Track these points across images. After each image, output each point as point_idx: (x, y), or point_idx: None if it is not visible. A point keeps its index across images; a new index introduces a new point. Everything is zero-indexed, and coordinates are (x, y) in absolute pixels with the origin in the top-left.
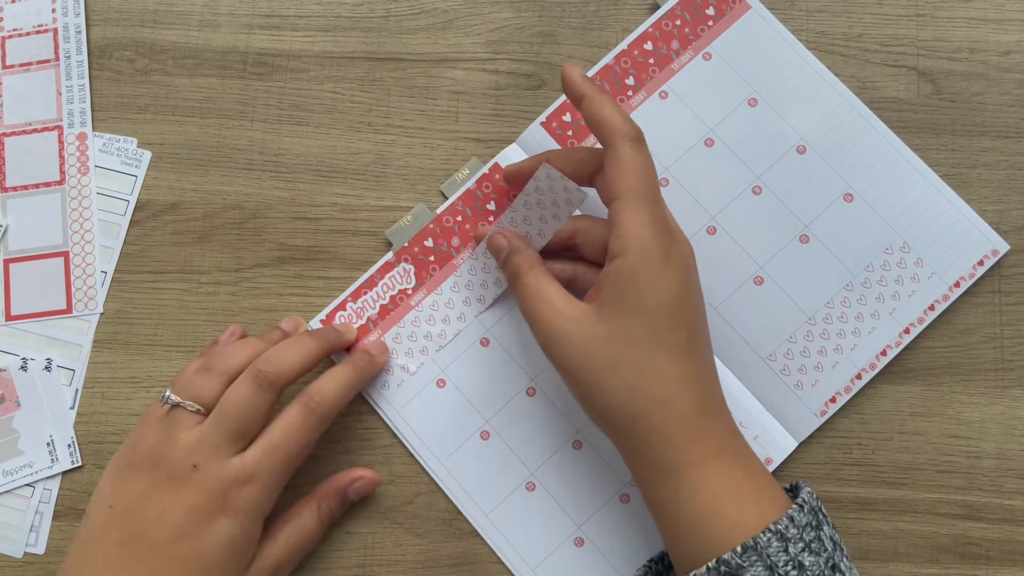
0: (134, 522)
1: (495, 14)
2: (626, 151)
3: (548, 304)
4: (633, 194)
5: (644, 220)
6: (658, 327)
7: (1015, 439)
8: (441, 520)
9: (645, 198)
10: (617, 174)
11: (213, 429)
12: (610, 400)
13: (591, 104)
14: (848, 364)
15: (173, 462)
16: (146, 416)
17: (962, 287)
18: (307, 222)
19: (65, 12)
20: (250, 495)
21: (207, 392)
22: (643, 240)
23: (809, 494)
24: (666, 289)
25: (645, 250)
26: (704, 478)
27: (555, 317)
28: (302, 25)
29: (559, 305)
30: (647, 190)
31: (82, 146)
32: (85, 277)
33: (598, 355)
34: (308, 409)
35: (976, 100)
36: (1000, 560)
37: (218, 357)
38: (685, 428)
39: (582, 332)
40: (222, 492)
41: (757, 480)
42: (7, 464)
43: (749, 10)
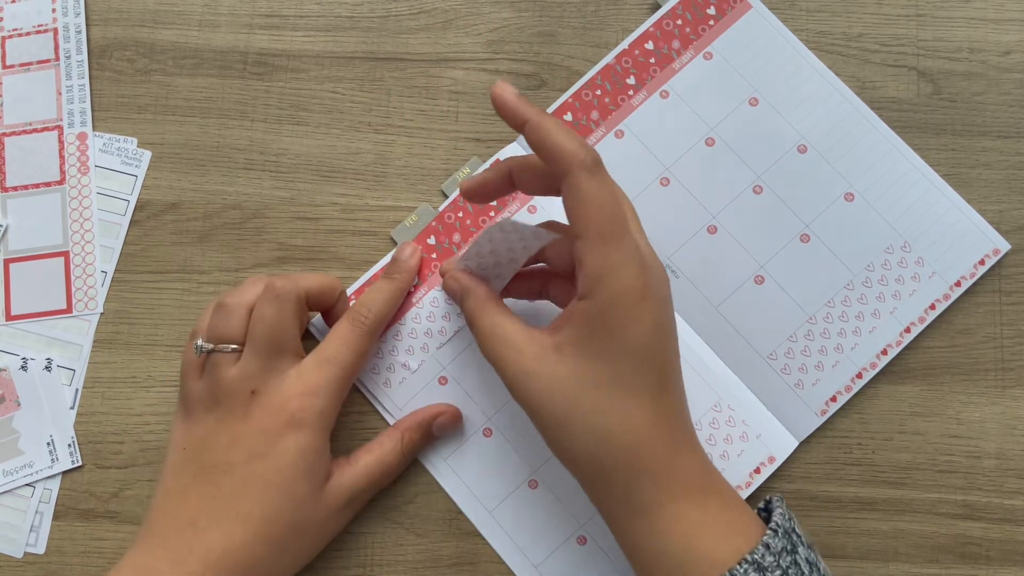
0: (208, 455)
1: (495, 14)
2: (583, 184)
3: (507, 344)
4: (596, 232)
5: (611, 261)
6: (626, 371)
7: (1015, 439)
8: (441, 520)
9: (610, 235)
10: (576, 210)
11: (255, 355)
12: (574, 444)
13: (536, 130)
14: (849, 363)
15: (233, 395)
16: (187, 369)
17: (963, 287)
18: (307, 222)
19: (65, 12)
20: (312, 407)
21: (233, 329)
22: (611, 283)
23: (782, 515)
24: (637, 333)
25: (614, 294)
26: (676, 516)
27: (517, 358)
28: (302, 25)
29: (519, 343)
30: (611, 225)
31: (82, 146)
32: (85, 277)
33: (561, 396)
34: (356, 321)
35: (976, 100)
36: (1000, 560)
37: (233, 295)
38: (654, 471)
39: (545, 371)
40: (285, 408)
41: (731, 511)
42: (7, 464)
43: (750, 10)
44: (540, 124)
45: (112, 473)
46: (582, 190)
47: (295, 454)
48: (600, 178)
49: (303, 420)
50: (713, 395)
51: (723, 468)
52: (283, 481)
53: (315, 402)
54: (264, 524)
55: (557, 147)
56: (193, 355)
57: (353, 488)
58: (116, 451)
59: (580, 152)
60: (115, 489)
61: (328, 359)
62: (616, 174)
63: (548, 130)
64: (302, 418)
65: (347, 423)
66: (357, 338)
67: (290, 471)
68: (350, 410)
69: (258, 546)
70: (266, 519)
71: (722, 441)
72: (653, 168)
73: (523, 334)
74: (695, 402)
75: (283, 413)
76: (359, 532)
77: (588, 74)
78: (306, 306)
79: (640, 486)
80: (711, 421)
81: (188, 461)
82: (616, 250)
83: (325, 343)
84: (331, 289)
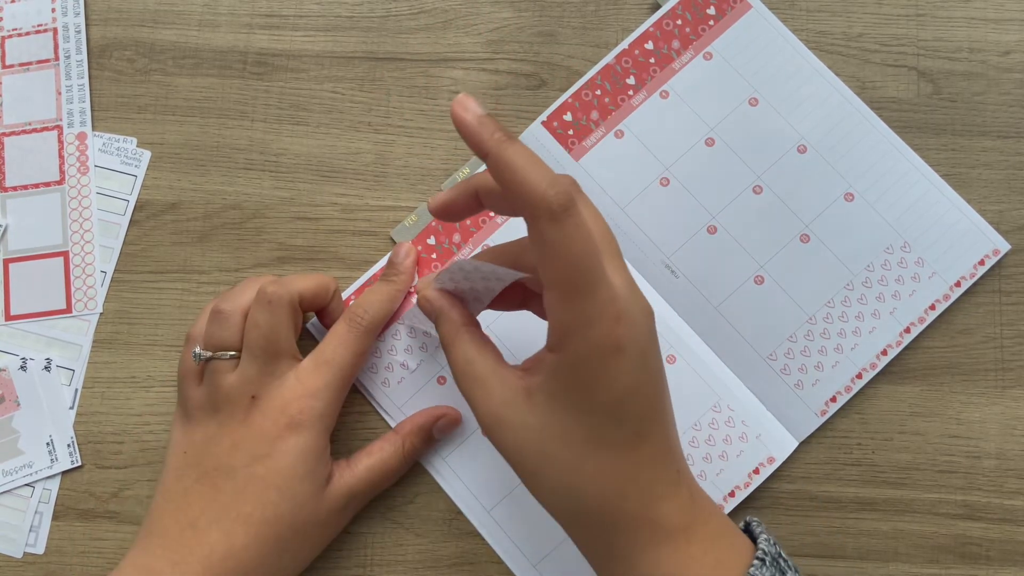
0: (209, 459)
1: (495, 14)
2: (549, 234)
3: (478, 383)
4: (564, 286)
5: (580, 317)
6: (598, 426)
7: (1015, 439)
8: (441, 520)
9: (579, 289)
10: (542, 262)
11: (252, 360)
12: (547, 496)
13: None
14: (848, 363)
15: (233, 400)
16: (185, 375)
17: (963, 287)
18: (307, 222)
19: (65, 12)
20: (311, 409)
21: (230, 336)
22: (580, 340)
23: (767, 541)
24: (610, 390)
25: (583, 351)
26: (656, 562)
27: (487, 400)
28: (302, 25)
29: (490, 384)
30: (581, 278)
31: (82, 146)
32: (85, 277)
33: (531, 450)
34: (353, 322)
35: (976, 100)
36: (1000, 560)
37: (227, 300)
38: (630, 523)
39: (515, 420)
40: (284, 411)
41: (716, 548)
42: (6, 464)
43: (750, 10)
44: (501, 159)
45: (112, 473)
46: (547, 241)
47: (296, 456)
48: (569, 224)
49: (303, 422)
50: (713, 395)
51: (722, 468)
52: (284, 482)
53: (314, 404)
54: (265, 525)
55: (520, 189)
56: (191, 361)
57: (353, 489)
58: (116, 451)
59: (546, 196)
60: (115, 489)
61: (326, 361)
62: (616, 174)
63: (511, 167)
64: (302, 420)
65: (347, 423)
66: (354, 339)
67: (291, 473)
68: (350, 410)
69: (259, 547)
70: (267, 520)
71: (721, 441)
72: (653, 168)
73: (495, 375)
74: (695, 402)
75: (283, 416)
76: (359, 532)
77: (588, 74)
78: (299, 309)
79: (616, 537)
80: (710, 421)
81: (189, 465)
82: (586, 304)
83: (323, 345)
84: (325, 289)
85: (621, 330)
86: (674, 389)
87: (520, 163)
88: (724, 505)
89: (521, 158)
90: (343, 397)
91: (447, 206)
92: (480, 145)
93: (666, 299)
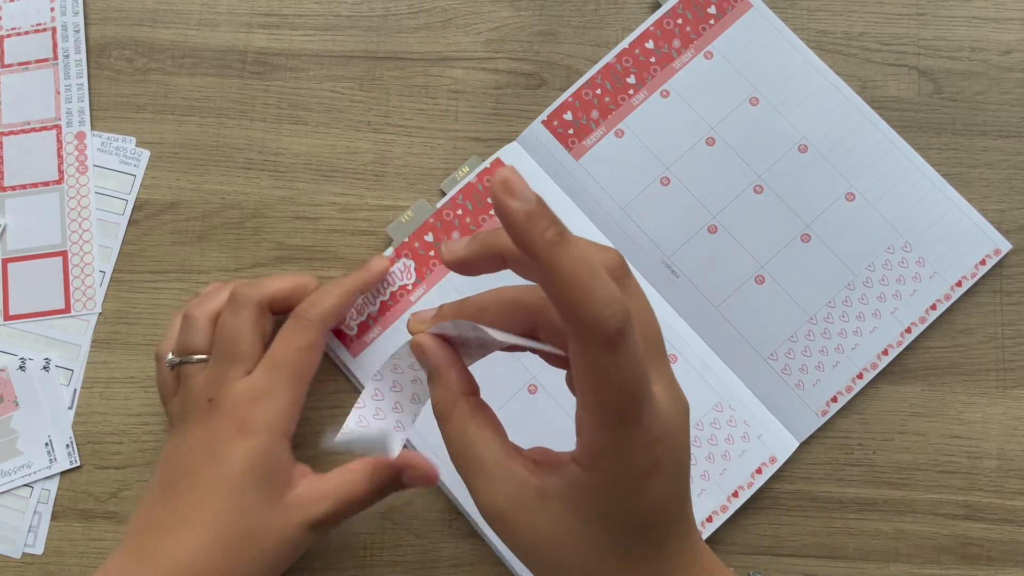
0: (174, 464)
1: (495, 13)
2: (598, 359)
3: (480, 474)
4: (605, 415)
5: (619, 444)
6: (621, 537)
7: (1016, 439)
8: (441, 520)
9: (622, 420)
10: (584, 385)
11: (215, 363)
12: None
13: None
14: (849, 363)
15: (195, 404)
16: (163, 388)
17: (964, 287)
18: (306, 222)
19: (64, 11)
20: (261, 412)
21: (199, 339)
22: (615, 464)
23: None
24: (641, 505)
25: (617, 474)
26: None
27: (487, 490)
28: (301, 24)
29: (492, 473)
30: (626, 408)
31: (80, 145)
32: (83, 277)
33: (539, 550)
34: (300, 316)
35: (977, 99)
36: (1001, 561)
37: (197, 306)
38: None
39: (522, 520)
40: (236, 415)
41: None
42: (5, 464)
43: (750, 9)
44: (552, 267)
45: (110, 473)
46: (596, 368)
47: (245, 461)
48: (622, 351)
49: (252, 426)
50: (714, 395)
51: (725, 468)
52: (234, 487)
53: (265, 406)
54: (218, 530)
55: (572, 307)
56: (165, 373)
57: (313, 504)
58: (114, 451)
59: (602, 319)
60: (113, 489)
61: (275, 362)
62: (616, 173)
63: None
64: (251, 424)
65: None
66: (301, 332)
67: (241, 478)
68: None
69: (214, 553)
70: (220, 525)
71: (724, 441)
72: (653, 168)
73: (499, 466)
74: (696, 402)
75: (233, 420)
76: (358, 532)
77: (588, 73)
78: (269, 311)
79: None
80: (712, 421)
81: (161, 472)
82: (628, 432)
83: (272, 345)
84: (301, 289)
85: (660, 451)
86: None
87: (575, 275)
88: (728, 505)
89: (577, 268)
90: (300, 398)
91: (465, 263)
92: (528, 246)
93: (666, 299)
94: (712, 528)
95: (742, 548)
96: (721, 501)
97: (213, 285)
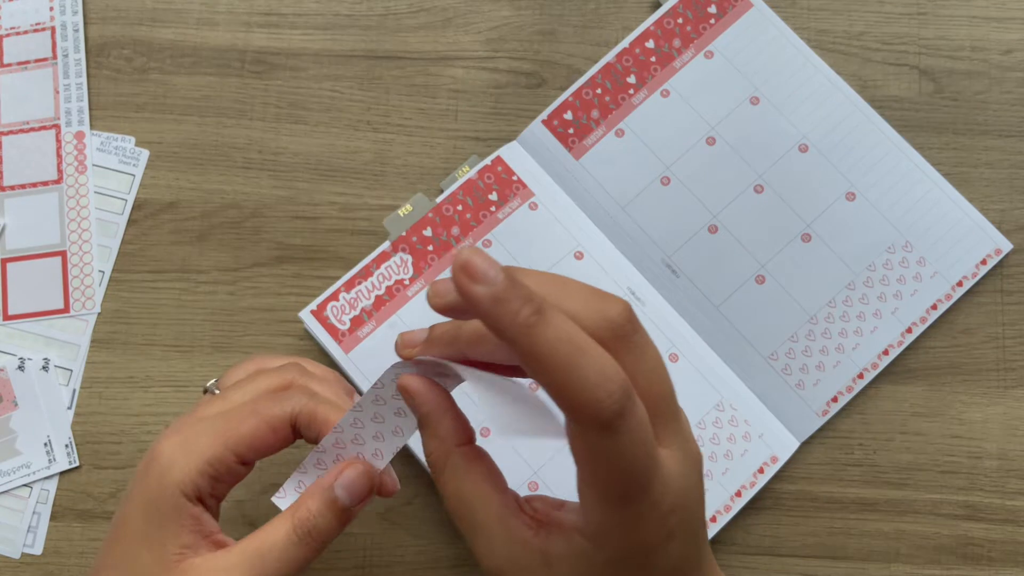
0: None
1: (494, 12)
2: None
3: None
4: (608, 493)
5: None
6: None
7: (1017, 439)
8: (441, 520)
9: (626, 498)
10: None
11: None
12: None
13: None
14: (850, 363)
15: None
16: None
17: (965, 286)
18: (306, 221)
19: (63, 10)
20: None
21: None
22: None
23: None
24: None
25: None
26: None
27: (490, 554)
28: (300, 23)
29: (494, 536)
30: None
31: (80, 145)
32: (83, 276)
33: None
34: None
35: (978, 99)
36: (1002, 561)
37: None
38: None
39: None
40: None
41: None
42: (4, 464)
43: (751, 8)
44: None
45: (109, 474)
46: (595, 451)
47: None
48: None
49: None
50: (716, 394)
51: (727, 467)
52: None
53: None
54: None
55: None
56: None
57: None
58: (114, 451)
59: (596, 402)
60: (112, 490)
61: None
62: (617, 173)
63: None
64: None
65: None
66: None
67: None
68: None
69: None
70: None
71: (726, 440)
72: (654, 167)
73: (500, 524)
74: (698, 401)
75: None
76: (357, 533)
77: (588, 73)
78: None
79: None
80: (714, 420)
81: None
82: (635, 509)
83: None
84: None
85: (674, 521)
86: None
87: (558, 357)
88: (731, 505)
89: (560, 349)
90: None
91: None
92: (501, 333)
93: (667, 298)
94: (716, 528)
95: (742, 548)
96: (724, 500)
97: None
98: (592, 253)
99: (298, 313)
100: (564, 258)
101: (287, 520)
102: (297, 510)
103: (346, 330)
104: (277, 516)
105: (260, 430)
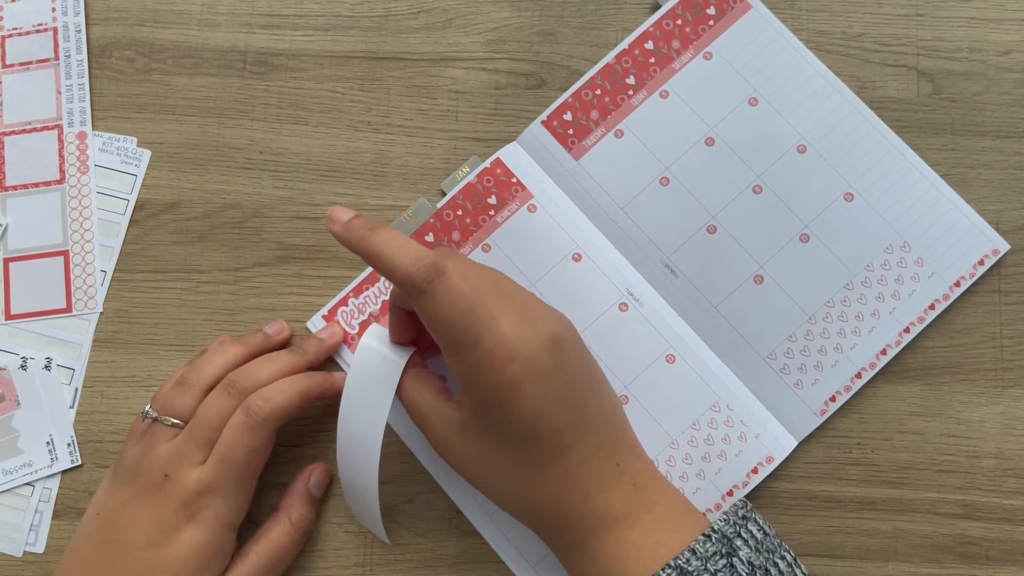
0: (112, 529)
1: (495, 13)
2: (421, 304)
3: (425, 422)
4: (446, 345)
5: (471, 366)
6: (519, 449)
7: (1014, 439)
8: (441, 519)
9: (462, 345)
10: (427, 327)
11: (186, 440)
12: (499, 504)
13: (369, 259)
14: (848, 363)
15: (150, 473)
16: (131, 430)
17: (962, 287)
18: (307, 221)
19: (65, 11)
20: (209, 505)
21: (182, 406)
22: (477, 385)
23: (724, 520)
24: (518, 418)
25: (483, 394)
26: (598, 551)
27: (433, 435)
28: (302, 24)
29: (432, 420)
30: (462, 336)
31: (82, 145)
32: (85, 276)
33: (470, 472)
34: (247, 416)
35: (976, 100)
36: (1000, 560)
37: (195, 370)
38: (567, 520)
39: (455, 448)
40: (186, 503)
41: (660, 531)
42: (7, 463)
43: (750, 10)
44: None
45: None
46: (424, 312)
47: (189, 550)
48: (438, 293)
49: (202, 517)
50: (712, 395)
51: (720, 468)
52: (173, 573)
53: (212, 500)
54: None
55: (390, 274)
56: (139, 418)
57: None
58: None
59: (409, 273)
60: None
61: (224, 459)
62: (616, 173)
63: (377, 256)
64: (201, 516)
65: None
66: (251, 436)
67: (182, 566)
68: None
69: None
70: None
71: (720, 441)
72: (653, 168)
73: (435, 413)
74: (694, 402)
75: (183, 507)
76: (358, 531)
77: (588, 74)
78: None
79: (565, 532)
80: (709, 421)
81: (96, 529)
82: (471, 356)
83: (222, 437)
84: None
85: (514, 368)
86: (673, 388)
87: (384, 249)
88: (722, 503)
89: (384, 243)
90: (248, 491)
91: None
92: (352, 248)
93: (666, 298)
94: None
95: None
96: (715, 499)
97: (221, 338)
98: (591, 254)
99: (305, 324)
100: (563, 260)
101: (285, 526)
102: (291, 513)
103: (355, 334)
104: (273, 520)
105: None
